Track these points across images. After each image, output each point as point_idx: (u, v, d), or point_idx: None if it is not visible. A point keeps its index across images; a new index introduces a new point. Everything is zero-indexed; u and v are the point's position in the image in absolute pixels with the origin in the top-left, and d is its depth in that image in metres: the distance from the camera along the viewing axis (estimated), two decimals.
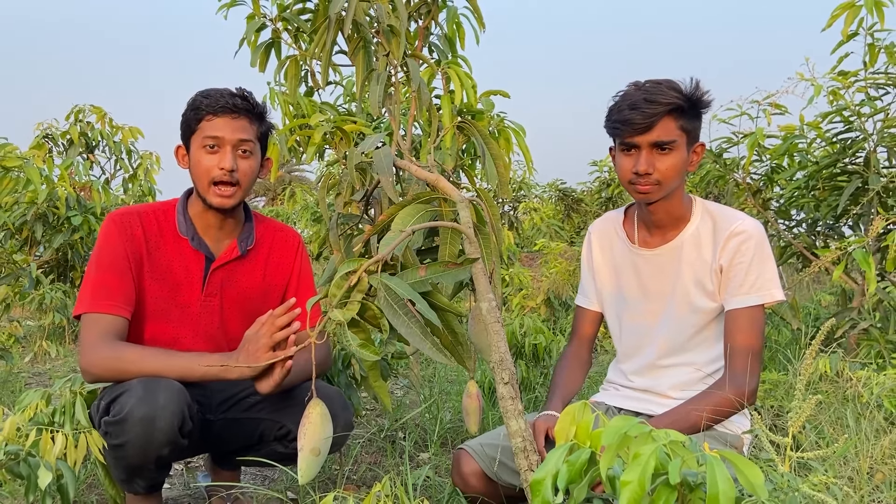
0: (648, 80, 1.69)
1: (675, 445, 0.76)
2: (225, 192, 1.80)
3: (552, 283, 5.22)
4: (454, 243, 1.51)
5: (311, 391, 1.35)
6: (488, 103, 2.64)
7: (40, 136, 5.40)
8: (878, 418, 1.79)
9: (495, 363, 1.33)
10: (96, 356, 1.68)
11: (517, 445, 1.30)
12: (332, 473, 2.31)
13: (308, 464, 1.30)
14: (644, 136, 1.66)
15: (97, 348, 1.69)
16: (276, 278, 1.98)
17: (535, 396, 3.08)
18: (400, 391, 3.64)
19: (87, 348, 1.69)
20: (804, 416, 1.21)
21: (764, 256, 1.70)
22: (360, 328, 1.31)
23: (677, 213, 1.78)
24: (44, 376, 4.14)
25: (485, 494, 1.74)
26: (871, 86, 3.07)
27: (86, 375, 1.71)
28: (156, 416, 1.58)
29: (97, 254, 1.79)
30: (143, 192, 5.95)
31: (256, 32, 2.29)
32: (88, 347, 1.69)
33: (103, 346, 1.69)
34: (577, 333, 1.99)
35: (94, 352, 1.68)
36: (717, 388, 1.64)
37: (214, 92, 1.81)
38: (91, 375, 1.70)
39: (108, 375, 1.68)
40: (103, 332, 1.71)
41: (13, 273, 4.59)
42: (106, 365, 1.67)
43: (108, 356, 1.67)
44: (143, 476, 1.71)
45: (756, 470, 0.73)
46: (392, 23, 1.73)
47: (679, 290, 1.77)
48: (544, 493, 0.83)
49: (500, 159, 1.73)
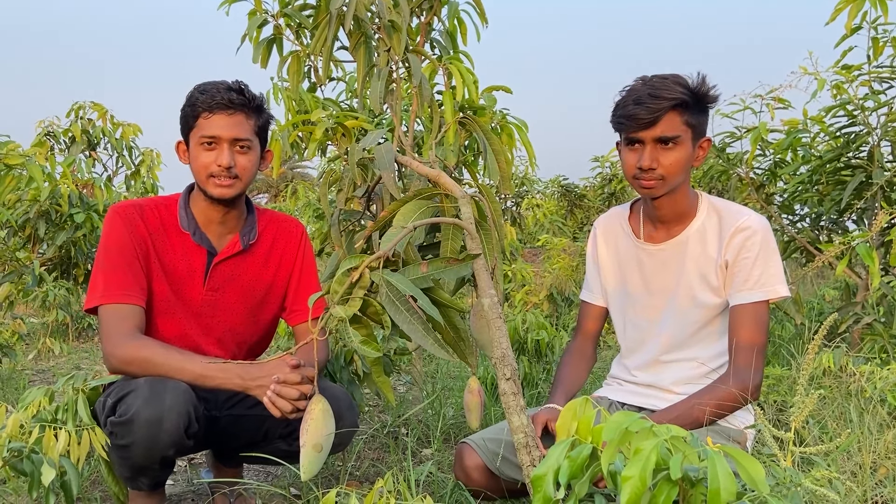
0: (655, 75, 1.69)
1: (676, 441, 0.76)
2: (224, 182, 1.79)
3: (555, 279, 5.22)
4: (456, 239, 1.51)
5: (314, 388, 1.35)
6: (490, 99, 2.63)
7: (42, 134, 5.40)
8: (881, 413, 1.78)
9: (497, 359, 1.33)
10: (123, 349, 1.68)
11: (519, 441, 1.30)
12: (335, 469, 2.31)
13: (310, 460, 1.31)
14: (648, 131, 1.65)
15: (124, 340, 1.68)
16: (280, 271, 1.97)
17: (538, 392, 3.08)
18: (402, 387, 3.64)
19: (113, 339, 1.69)
20: (807, 411, 1.21)
21: (769, 252, 1.69)
22: (362, 324, 1.31)
23: (682, 208, 1.77)
24: (47, 374, 4.15)
25: (487, 488, 1.74)
26: (875, 79, 3.07)
27: (109, 366, 1.71)
28: (162, 418, 1.58)
29: (105, 245, 1.79)
30: (146, 189, 5.95)
31: (258, 28, 2.29)
32: (114, 338, 1.69)
33: (131, 339, 1.69)
34: (581, 328, 1.99)
35: (120, 344, 1.68)
36: (720, 384, 1.64)
37: (210, 87, 1.79)
38: (114, 367, 1.70)
39: (132, 369, 1.68)
40: (127, 323, 1.71)
41: (16, 271, 4.60)
42: (132, 358, 1.67)
43: (133, 352, 1.67)
44: (147, 475, 1.72)
45: (757, 465, 0.73)
46: (393, 18, 1.72)
47: (683, 285, 1.77)
48: (546, 488, 0.83)
49: (502, 155, 1.73)
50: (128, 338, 1.69)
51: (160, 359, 1.66)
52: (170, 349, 1.71)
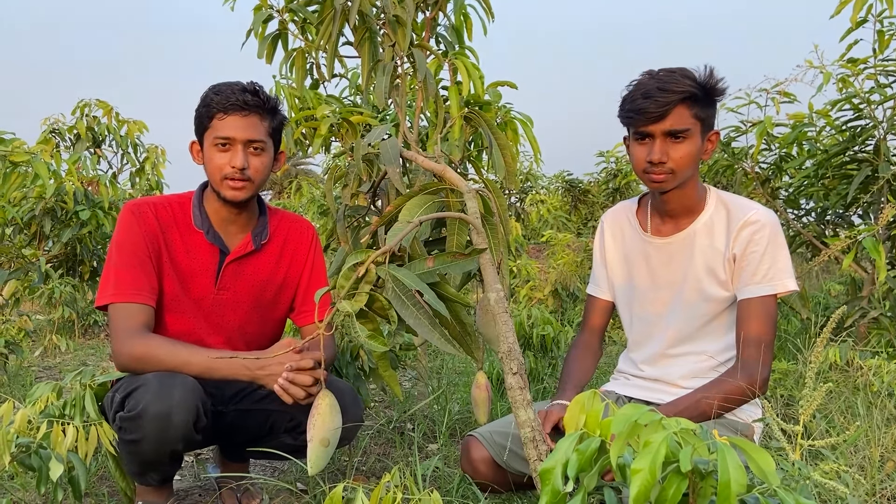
0: (662, 69, 1.68)
1: (685, 433, 0.76)
2: (237, 184, 1.80)
3: (559, 275, 5.21)
4: (461, 234, 1.51)
5: (321, 382, 1.35)
6: (495, 94, 2.62)
7: (47, 132, 5.42)
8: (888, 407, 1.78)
9: (504, 353, 1.33)
10: (129, 347, 1.69)
11: (526, 435, 1.30)
12: (342, 464, 2.32)
13: (317, 455, 1.31)
14: (657, 124, 1.65)
15: (131, 338, 1.70)
16: (291, 272, 1.98)
17: (544, 387, 3.08)
18: (408, 383, 3.64)
19: (121, 337, 1.70)
20: (814, 405, 1.20)
21: (777, 246, 1.69)
22: (369, 319, 1.31)
23: (691, 201, 1.77)
24: (54, 370, 4.16)
25: (493, 481, 1.75)
26: (881, 73, 3.05)
27: (117, 363, 1.73)
28: (171, 413, 1.59)
29: (117, 243, 1.80)
30: (151, 186, 5.96)
31: (263, 24, 2.28)
32: (122, 336, 1.70)
33: (137, 337, 1.70)
34: (587, 323, 1.99)
35: (127, 342, 1.70)
36: (728, 377, 1.64)
37: (225, 88, 1.79)
38: (122, 365, 1.72)
39: (138, 366, 1.69)
40: (134, 322, 1.72)
41: (22, 268, 4.62)
42: (138, 354, 1.68)
43: (140, 349, 1.69)
44: (156, 470, 1.72)
45: (767, 457, 0.73)
46: (398, 13, 1.72)
47: (690, 279, 1.76)
48: (554, 481, 0.83)
49: (508, 150, 1.72)
50: (135, 335, 1.71)
51: (165, 354, 1.67)
52: (176, 344, 1.71)
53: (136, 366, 1.69)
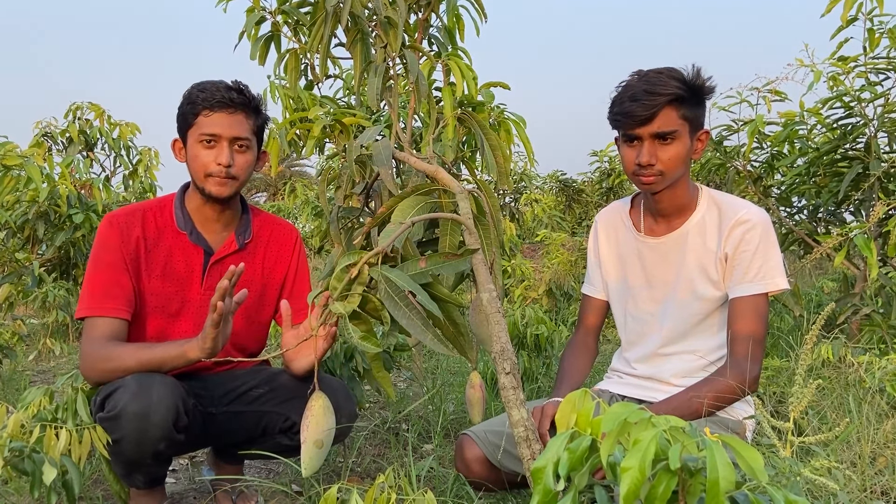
0: (650, 70, 1.69)
1: (675, 431, 0.76)
2: (222, 181, 1.81)
3: (554, 274, 5.22)
4: (454, 234, 1.51)
5: (314, 384, 1.36)
6: (488, 95, 2.63)
7: (39, 135, 5.40)
8: (880, 403, 1.79)
9: (497, 353, 1.33)
10: (89, 360, 1.72)
11: (519, 435, 1.30)
12: (337, 465, 2.32)
13: (311, 456, 1.31)
14: (645, 127, 1.65)
15: (91, 352, 1.72)
16: (275, 273, 1.98)
17: (538, 387, 3.08)
18: (402, 383, 3.64)
19: (83, 352, 1.73)
20: (805, 401, 1.21)
21: (769, 245, 1.70)
22: (362, 320, 1.31)
23: (682, 201, 1.78)
24: (48, 374, 4.15)
25: (487, 480, 1.75)
26: (872, 71, 3.07)
27: (85, 378, 1.76)
28: (149, 412, 1.59)
29: (94, 256, 1.80)
30: (144, 189, 5.94)
31: (256, 25, 2.28)
32: (84, 351, 1.73)
33: (96, 350, 1.72)
34: (583, 322, 1.99)
35: (87, 355, 1.72)
36: (719, 375, 1.64)
37: (210, 85, 1.80)
38: (88, 379, 1.75)
39: (102, 377, 1.70)
40: (99, 336, 1.73)
41: (16, 272, 4.60)
42: (96, 367, 1.70)
43: (97, 359, 1.71)
44: (140, 471, 1.73)
45: (756, 454, 0.73)
46: (389, 14, 1.72)
47: (683, 278, 1.77)
48: (546, 480, 0.83)
49: (500, 150, 1.73)
50: (95, 349, 1.72)
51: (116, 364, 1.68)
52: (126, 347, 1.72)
53: (99, 376, 1.71)
